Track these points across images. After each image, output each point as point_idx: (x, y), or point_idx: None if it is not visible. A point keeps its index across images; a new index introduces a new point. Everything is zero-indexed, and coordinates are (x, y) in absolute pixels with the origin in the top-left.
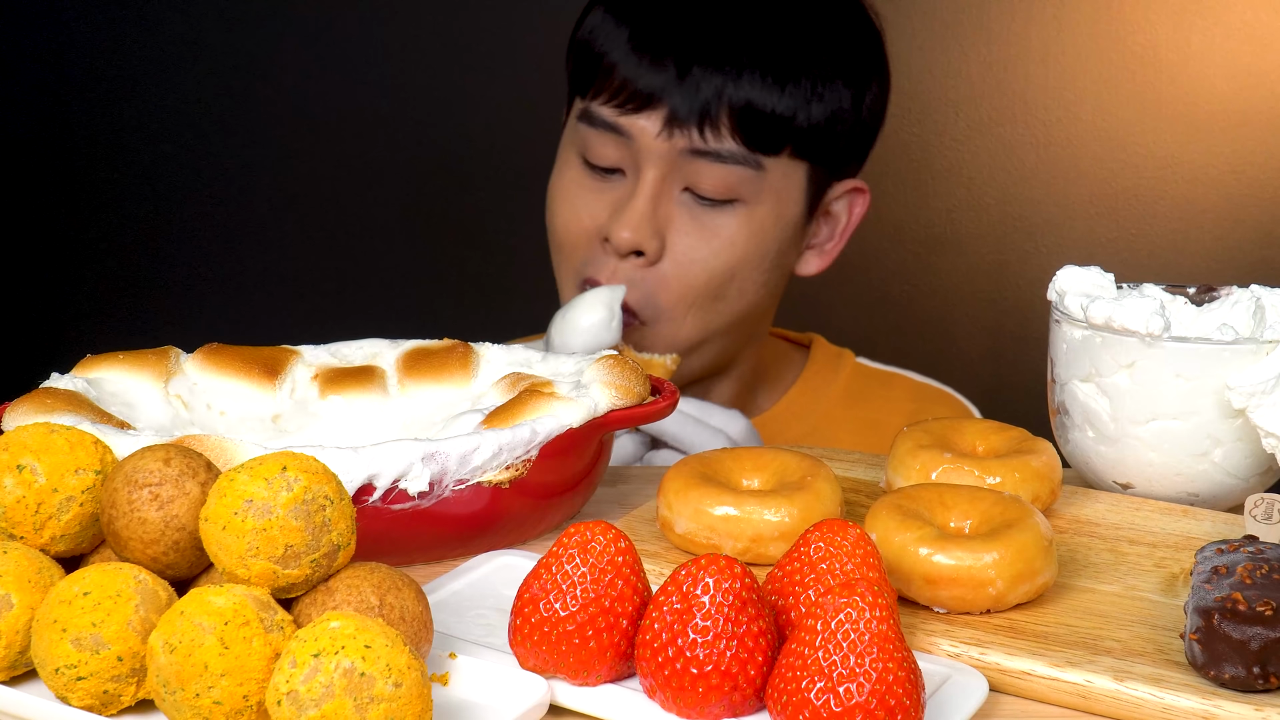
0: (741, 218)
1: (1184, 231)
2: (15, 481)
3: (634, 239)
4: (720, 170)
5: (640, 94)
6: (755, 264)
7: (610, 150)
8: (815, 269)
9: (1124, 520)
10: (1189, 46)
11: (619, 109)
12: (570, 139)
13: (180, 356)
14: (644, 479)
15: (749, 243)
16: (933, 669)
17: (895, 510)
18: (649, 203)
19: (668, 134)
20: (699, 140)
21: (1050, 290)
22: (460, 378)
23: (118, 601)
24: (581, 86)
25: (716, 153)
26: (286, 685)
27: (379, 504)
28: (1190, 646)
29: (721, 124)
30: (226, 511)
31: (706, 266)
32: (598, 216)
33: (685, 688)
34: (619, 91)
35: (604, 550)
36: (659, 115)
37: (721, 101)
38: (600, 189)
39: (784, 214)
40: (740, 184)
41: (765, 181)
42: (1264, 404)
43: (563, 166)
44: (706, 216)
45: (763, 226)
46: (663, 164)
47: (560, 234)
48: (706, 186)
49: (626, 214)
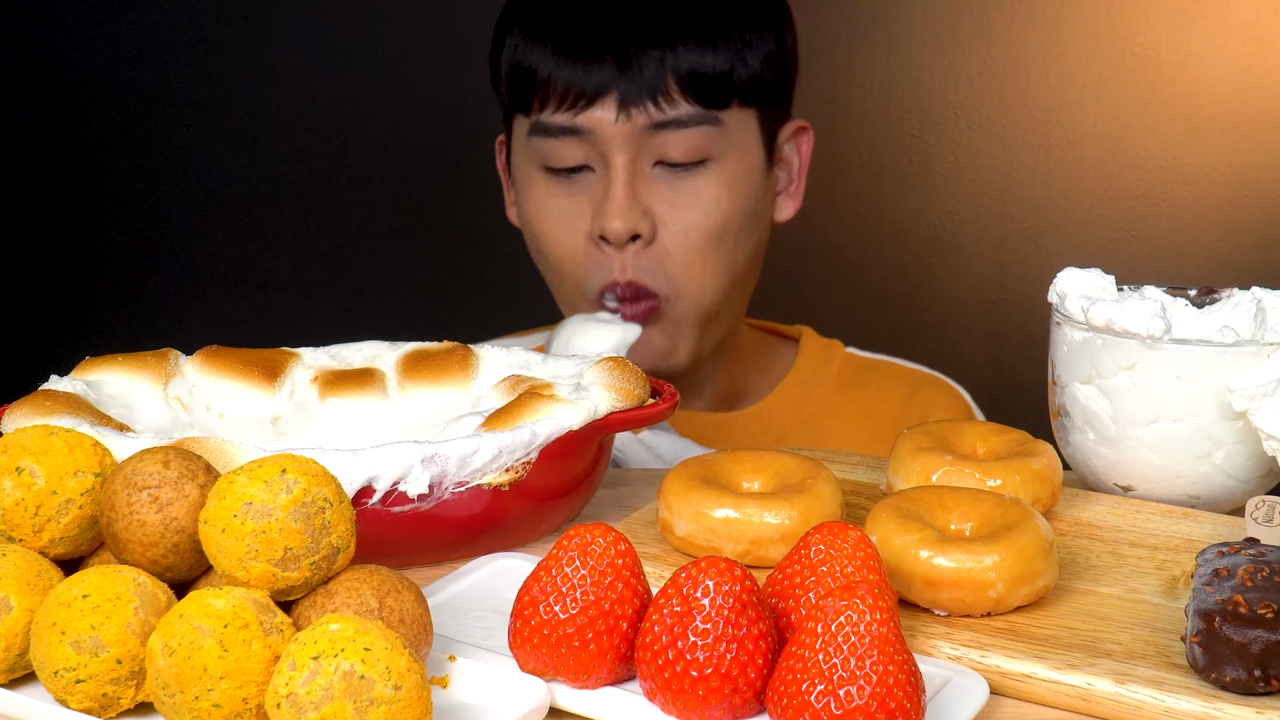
0: (715, 175)
1: (1185, 233)
2: (14, 484)
3: (625, 225)
4: (684, 135)
5: (587, 89)
6: (741, 214)
7: (572, 151)
8: (790, 212)
9: (1125, 522)
10: (1189, 47)
11: (571, 110)
12: (526, 157)
13: (179, 358)
14: (644, 481)
15: (730, 196)
16: (933, 671)
17: (896, 512)
18: (627, 187)
19: (626, 116)
20: (656, 113)
21: (1051, 292)
22: (460, 380)
23: (117, 604)
24: (521, 104)
25: (676, 119)
26: (286, 688)
27: (379, 506)
28: (1191, 649)
29: (672, 91)
30: (226, 514)
31: (701, 228)
32: (582, 218)
33: (685, 690)
34: (565, 95)
35: (604, 553)
36: (611, 102)
37: (665, 71)
38: (573, 191)
39: (750, 161)
40: (706, 143)
41: (727, 135)
42: (1265, 406)
43: (527, 186)
44: (684, 183)
45: (736, 177)
46: (628, 146)
47: (552, 250)
48: (676, 153)
49: (610, 205)
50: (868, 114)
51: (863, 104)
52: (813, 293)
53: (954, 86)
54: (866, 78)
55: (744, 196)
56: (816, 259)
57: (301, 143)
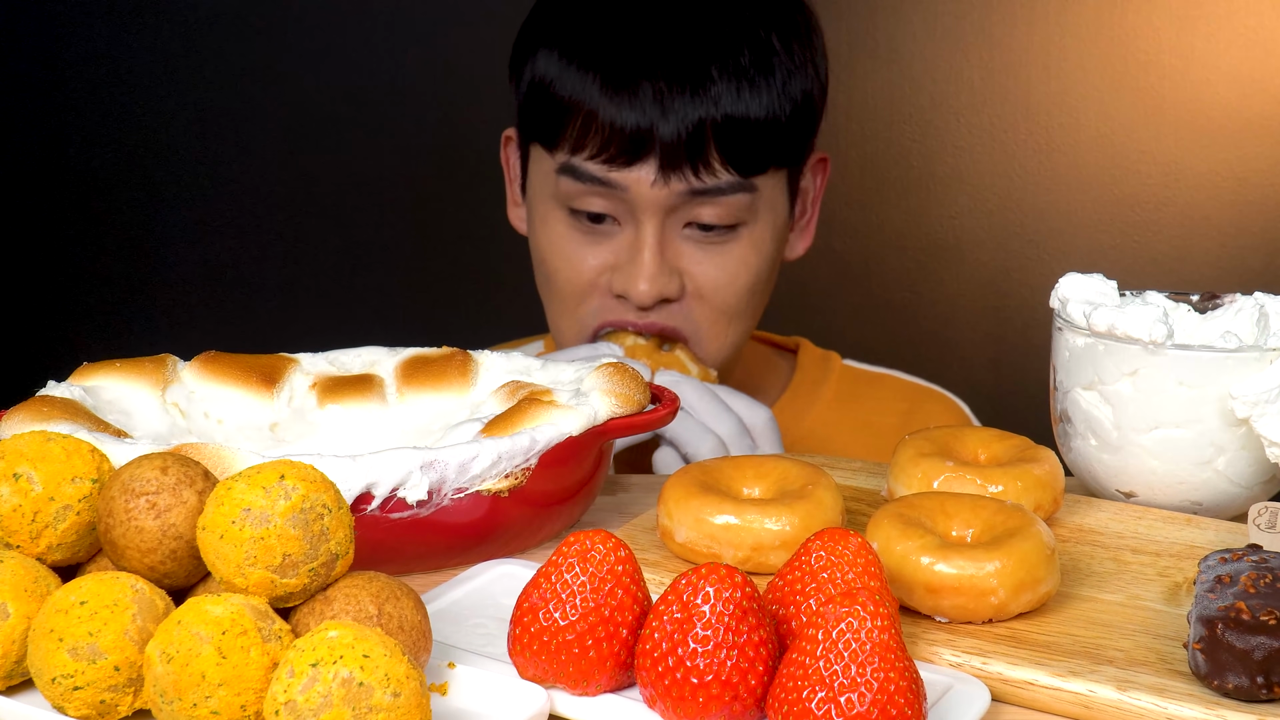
0: (745, 240)
1: (1187, 238)
2: (11, 490)
3: (653, 290)
4: (720, 202)
5: (627, 146)
6: (766, 272)
7: (599, 201)
8: (801, 250)
9: (1127, 529)
10: (1192, 52)
11: (607, 164)
12: (548, 189)
13: (178, 364)
14: (644, 487)
15: (759, 259)
16: (935, 679)
17: (897, 519)
18: (657, 254)
19: (663, 182)
20: (695, 181)
21: (1053, 297)
22: (459, 386)
23: (115, 611)
24: (549, 136)
25: (715, 188)
26: (285, 695)
27: (377, 513)
28: (1194, 656)
29: (712, 159)
30: (224, 520)
31: (732, 290)
32: (599, 267)
33: (686, 697)
34: (605, 146)
35: (604, 559)
36: (650, 166)
37: (706, 130)
38: (595, 238)
39: (777, 220)
40: (740, 210)
41: (760, 200)
42: (1268, 413)
43: (546, 217)
44: (714, 247)
45: (764, 240)
46: (661, 212)
47: (561, 286)
48: (710, 218)
49: (638, 269)
50: (869, 119)
51: (864, 109)
52: (814, 298)
53: (955, 92)
54: (868, 83)
55: (769, 257)
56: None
57: (301, 149)
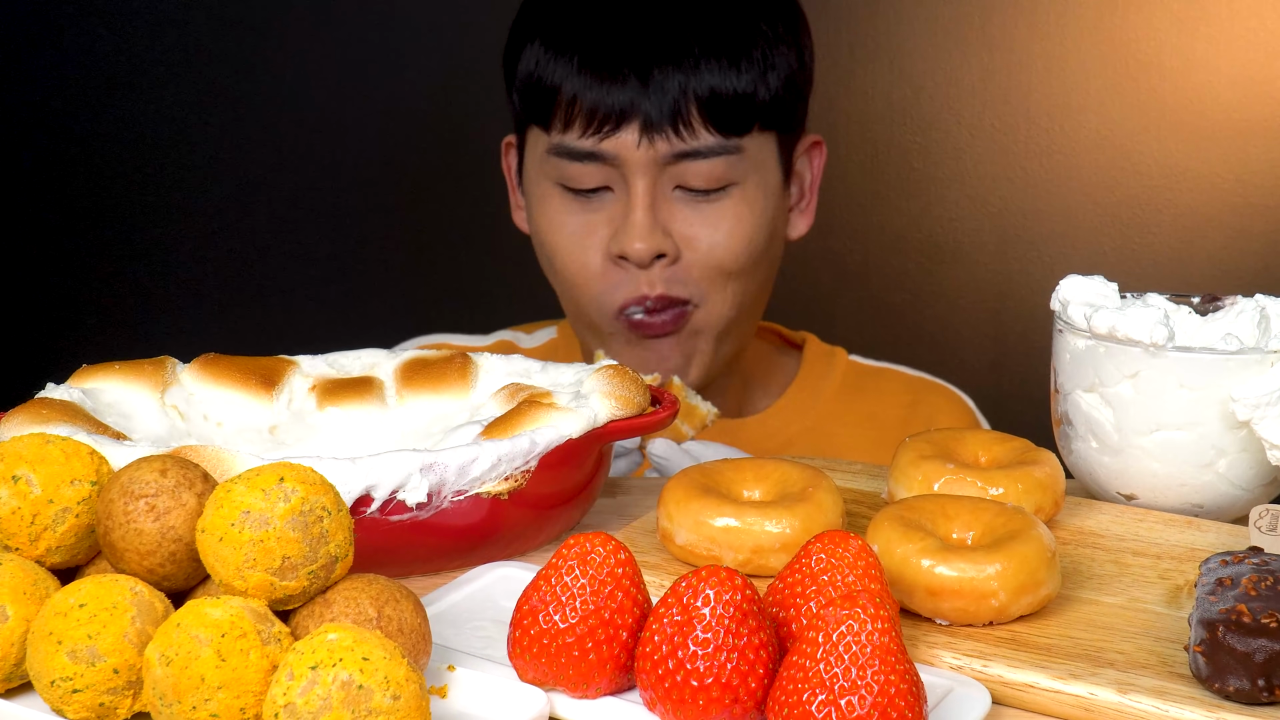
0: (735, 198)
1: (1188, 240)
2: (10, 493)
3: (648, 247)
4: (705, 165)
5: (611, 114)
6: (761, 234)
7: (592, 173)
8: (803, 229)
9: (1128, 531)
10: (1193, 54)
11: (595, 135)
12: (542, 172)
13: (177, 367)
14: (644, 490)
15: (751, 219)
16: (935, 681)
17: (897, 521)
18: (648, 211)
19: (648, 141)
20: (678, 142)
21: (1053, 300)
22: (459, 388)
23: (114, 613)
24: (539, 119)
25: (696, 150)
26: (284, 698)
27: (377, 515)
28: (1194, 659)
29: (693, 120)
30: (223, 523)
31: (727, 250)
32: (598, 236)
33: (686, 700)
34: (590, 119)
35: (604, 562)
36: (634, 128)
37: (688, 97)
38: (590, 210)
39: (768, 183)
40: (727, 170)
41: (747, 161)
42: (1269, 415)
43: (543, 201)
44: (705, 208)
45: (755, 199)
46: (649, 171)
47: (565, 265)
48: (697, 182)
49: (631, 228)
50: (870, 121)
51: (865, 111)
52: (815, 300)
53: (956, 93)
54: (869, 85)
55: (763, 217)
56: (819, 266)
57: (299, 151)
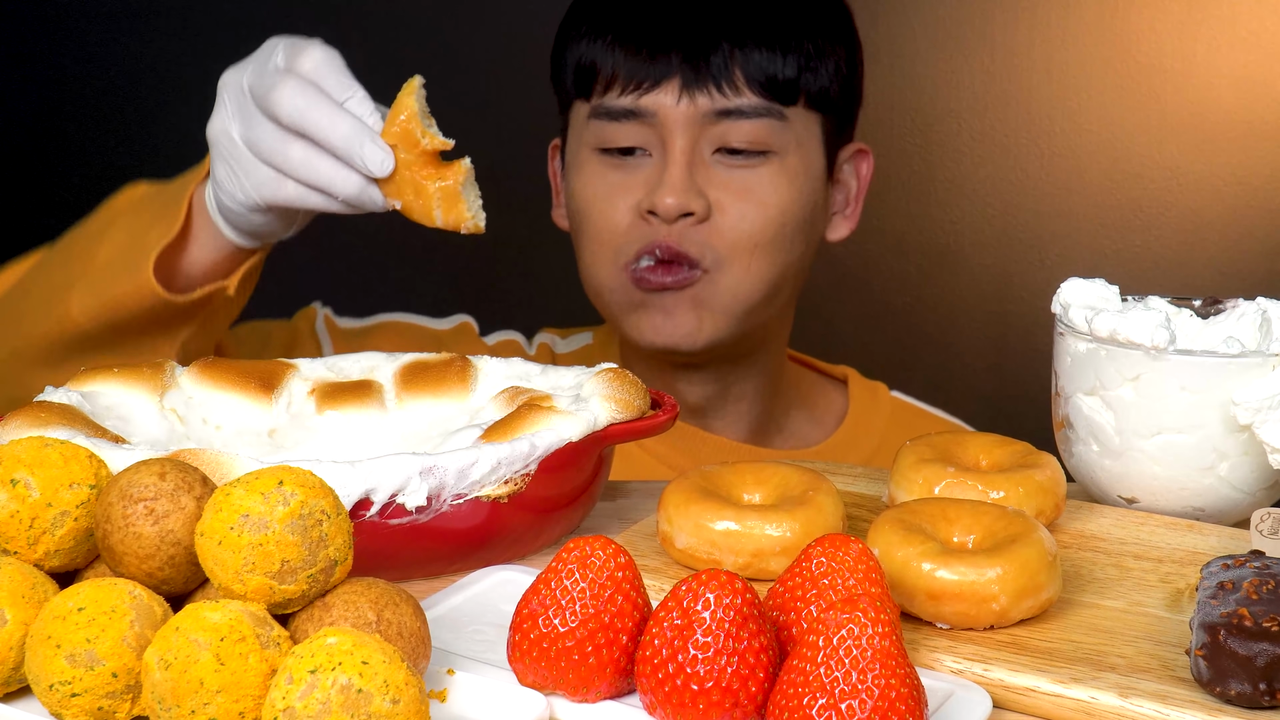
0: (775, 168)
1: (1189, 243)
2: (9, 496)
3: (679, 203)
4: (747, 124)
5: (650, 74)
6: (798, 212)
7: (631, 132)
8: (845, 231)
9: (1129, 535)
10: (1194, 56)
11: (635, 93)
12: (582, 141)
13: (176, 370)
14: (644, 493)
15: (788, 191)
16: (936, 685)
17: (898, 525)
18: (684, 169)
19: (689, 98)
20: (720, 99)
21: (1054, 303)
22: (458, 392)
23: (112, 617)
24: (583, 90)
25: (740, 109)
26: (283, 701)
27: (376, 519)
28: (1196, 663)
29: (737, 80)
30: (222, 526)
31: (757, 217)
32: (631, 194)
33: (686, 704)
34: (630, 77)
35: (604, 565)
36: (674, 85)
37: (733, 60)
38: (626, 171)
39: (810, 165)
40: (769, 135)
41: (790, 132)
42: (1270, 419)
43: (581, 168)
44: (743, 174)
45: (795, 175)
46: (689, 130)
47: (593, 220)
48: (737, 141)
49: (666, 183)
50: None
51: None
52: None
53: (957, 96)
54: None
55: (802, 194)
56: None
57: None
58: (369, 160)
